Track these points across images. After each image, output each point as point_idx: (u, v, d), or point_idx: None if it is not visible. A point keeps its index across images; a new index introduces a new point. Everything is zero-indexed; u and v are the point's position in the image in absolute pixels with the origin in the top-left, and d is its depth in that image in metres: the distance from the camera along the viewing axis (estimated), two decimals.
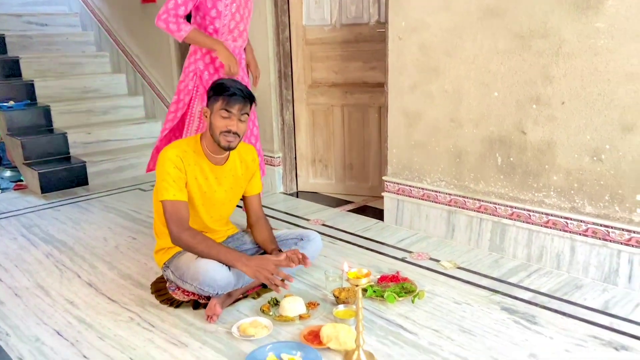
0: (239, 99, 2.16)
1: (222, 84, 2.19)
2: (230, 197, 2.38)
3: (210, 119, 2.19)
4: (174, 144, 2.26)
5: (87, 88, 5.11)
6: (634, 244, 2.24)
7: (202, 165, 2.25)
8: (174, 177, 2.16)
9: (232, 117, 2.16)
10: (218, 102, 2.16)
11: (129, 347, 1.97)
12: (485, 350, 1.88)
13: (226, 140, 2.18)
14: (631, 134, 2.19)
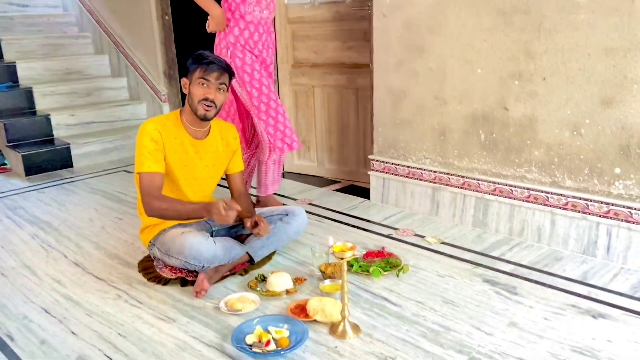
0: (216, 67, 2.19)
1: (200, 54, 2.21)
2: (212, 173, 2.39)
3: (190, 88, 2.23)
4: (152, 119, 2.29)
5: (69, 69, 5.05)
6: (612, 216, 2.30)
7: (182, 139, 2.26)
8: (150, 149, 2.18)
9: (210, 86, 2.19)
10: (196, 71, 2.19)
11: (117, 323, 1.98)
12: (467, 320, 1.93)
13: (203, 108, 2.20)
14: (610, 108, 2.23)
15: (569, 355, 1.71)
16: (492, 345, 1.78)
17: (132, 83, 5.08)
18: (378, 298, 2.11)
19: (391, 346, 1.79)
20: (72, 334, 1.92)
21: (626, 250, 2.29)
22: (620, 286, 2.15)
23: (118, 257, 2.56)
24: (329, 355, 1.75)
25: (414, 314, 1.98)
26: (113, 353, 1.80)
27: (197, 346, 1.82)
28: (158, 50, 4.71)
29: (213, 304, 2.08)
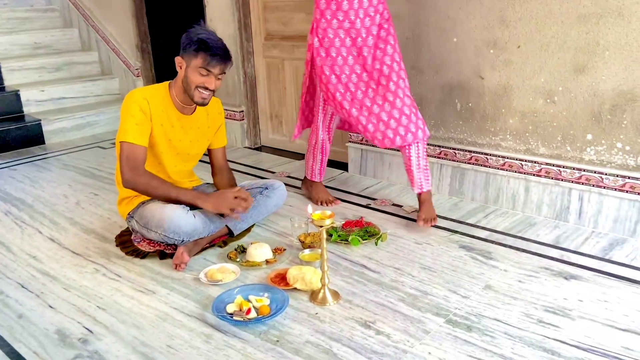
0: (221, 60, 2.10)
1: (204, 39, 2.07)
2: (196, 148, 2.36)
3: (186, 71, 2.13)
4: (142, 88, 2.23)
5: (38, 44, 4.90)
6: (584, 181, 2.35)
7: (169, 113, 2.22)
8: (138, 119, 2.13)
9: (210, 76, 2.11)
10: (198, 59, 2.08)
11: (96, 296, 1.97)
12: (444, 284, 1.97)
13: (201, 96, 2.15)
14: (582, 75, 2.26)
15: (542, 315, 1.77)
16: (469, 308, 1.82)
17: (103, 57, 4.96)
18: (357, 266, 2.13)
19: (370, 311, 1.82)
20: (50, 307, 1.91)
21: (597, 214, 2.36)
22: (591, 249, 2.21)
23: (94, 232, 2.53)
24: (310, 321, 1.77)
25: (392, 280, 2.02)
26: (92, 325, 1.79)
27: (177, 316, 1.83)
28: (129, 23, 4.59)
29: (193, 275, 2.08)
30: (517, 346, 1.62)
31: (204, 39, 2.08)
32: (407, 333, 1.69)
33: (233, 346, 1.66)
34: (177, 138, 2.27)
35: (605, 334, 1.66)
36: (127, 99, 2.16)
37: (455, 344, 1.63)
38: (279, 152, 3.86)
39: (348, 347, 1.64)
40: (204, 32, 2.12)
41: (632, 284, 1.94)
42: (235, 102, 3.90)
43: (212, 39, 2.10)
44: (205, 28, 2.17)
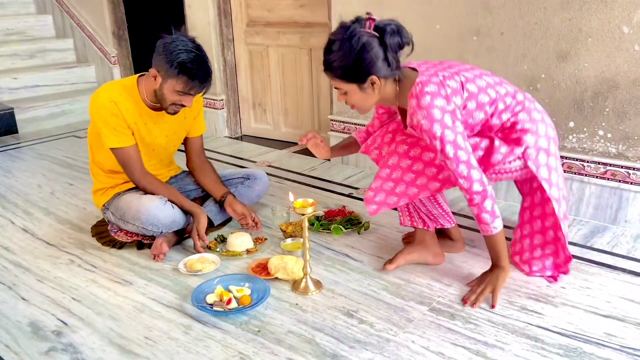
0: (202, 86, 2.00)
1: (187, 66, 1.91)
2: (173, 141, 2.29)
3: (162, 86, 1.98)
4: (105, 87, 2.10)
5: (10, 30, 4.75)
6: (566, 169, 2.35)
7: (139, 111, 2.12)
8: (114, 124, 2.04)
9: (187, 96, 2.01)
10: (177, 82, 1.95)
11: (70, 287, 1.91)
12: (427, 272, 1.95)
13: (174, 110, 2.07)
14: (565, 63, 2.25)
15: (525, 302, 1.76)
16: (452, 296, 1.81)
17: (78, 44, 4.82)
18: (340, 255, 2.10)
19: (353, 300, 1.79)
20: (23, 299, 1.84)
21: (579, 202, 2.36)
22: (573, 237, 2.22)
23: (69, 222, 2.46)
24: (292, 311, 1.74)
25: (375, 269, 1.99)
26: (67, 317, 1.73)
27: (155, 307, 1.78)
28: (105, 9, 4.46)
29: (171, 266, 2.03)
30: (501, 333, 1.61)
31: (186, 64, 1.92)
32: (390, 322, 1.67)
33: (213, 337, 1.62)
34: (153, 135, 2.18)
35: (588, 321, 1.66)
36: (95, 102, 2.05)
37: (439, 332, 1.62)
38: (261, 141, 3.81)
39: (331, 336, 1.61)
40: (184, 48, 1.93)
41: (614, 270, 1.95)
42: (214, 90, 3.82)
43: (195, 62, 1.93)
44: (185, 39, 1.97)
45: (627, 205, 2.25)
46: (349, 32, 1.60)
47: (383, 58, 1.61)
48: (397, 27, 1.63)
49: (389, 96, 1.73)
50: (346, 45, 1.60)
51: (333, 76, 1.68)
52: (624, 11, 2.07)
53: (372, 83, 1.66)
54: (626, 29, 2.08)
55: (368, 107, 1.75)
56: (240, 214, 2.24)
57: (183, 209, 2.13)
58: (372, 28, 1.60)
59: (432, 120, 1.61)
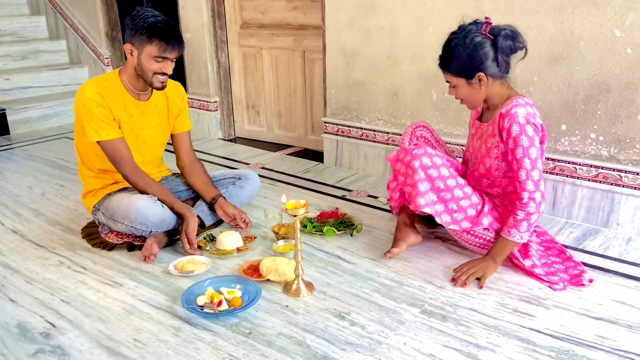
0: (177, 45, 2.02)
1: (157, 26, 1.97)
2: (160, 134, 2.28)
3: (139, 59, 2.03)
4: (90, 82, 2.11)
5: (2, 31, 4.72)
6: (558, 172, 2.35)
7: (124, 102, 2.13)
8: (101, 116, 2.04)
9: (166, 61, 2.03)
10: (152, 46, 1.98)
11: (60, 289, 1.89)
12: (419, 275, 1.95)
13: (159, 80, 2.07)
14: (557, 65, 2.26)
15: (517, 305, 1.75)
16: (444, 298, 1.80)
17: (72, 46, 4.80)
18: (332, 257, 2.10)
19: (345, 302, 1.78)
20: (11, 301, 1.82)
21: (570, 205, 2.37)
22: (565, 239, 2.22)
23: (60, 224, 2.43)
24: (283, 313, 1.73)
25: (367, 270, 1.98)
26: (55, 319, 1.71)
27: (145, 309, 1.76)
28: (99, 11, 4.44)
29: (162, 268, 2.01)
30: (493, 335, 1.60)
31: (155, 24, 1.97)
32: (382, 324, 1.66)
33: (203, 339, 1.61)
34: (140, 126, 2.18)
35: (580, 323, 1.66)
36: (80, 97, 2.06)
37: (431, 334, 1.61)
38: (254, 143, 3.80)
39: (322, 338, 1.60)
40: (151, 14, 2.00)
41: (605, 273, 1.95)
42: (208, 92, 3.81)
43: (163, 22, 2.00)
44: (150, 9, 2.04)
45: (619, 208, 2.25)
46: (465, 32, 1.80)
47: (493, 58, 1.79)
48: (512, 32, 1.80)
49: (494, 97, 1.89)
50: (460, 44, 1.79)
51: (446, 70, 1.87)
52: (616, 14, 2.08)
53: (480, 80, 1.82)
54: (618, 32, 2.09)
55: (474, 102, 1.90)
56: (231, 216, 2.23)
57: (173, 210, 2.11)
58: (487, 31, 1.79)
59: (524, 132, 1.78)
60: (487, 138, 1.93)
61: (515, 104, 1.81)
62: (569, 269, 1.93)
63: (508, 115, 1.80)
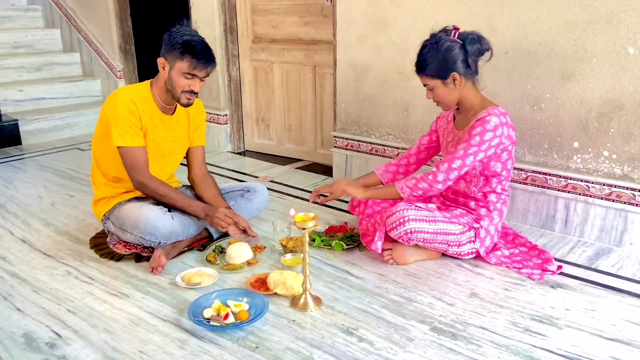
0: (207, 64, 2.05)
1: (190, 43, 2.01)
2: (179, 148, 2.30)
3: (170, 74, 2.07)
4: (123, 89, 2.15)
5: (17, 43, 4.79)
6: (570, 190, 2.33)
7: (152, 113, 2.16)
8: (129, 122, 2.07)
9: (195, 79, 2.06)
10: (183, 62, 2.02)
11: (66, 299, 1.88)
12: (428, 291, 1.92)
13: (187, 98, 2.10)
14: (570, 83, 2.24)
15: (528, 324, 1.72)
16: (454, 315, 1.77)
17: (85, 58, 4.86)
18: (340, 271, 2.07)
19: (353, 317, 1.76)
20: (18, 310, 1.81)
21: (583, 223, 2.33)
22: (578, 258, 2.18)
23: (68, 234, 2.43)
24: (290, 327, 1.71)
25: (376, 286, 1.96)
26: (61, 329, 1.70)
27: (151, 321, 1.74)
28: (113, 24, 4.51)
29: (169, 279, 2.00)
30: (504, 355, 1.57)
31: (189, 42, 2.02)
32: (390, 340, 1.64)
33: (209, 352, 1.59)
34: (161, 138, 2.21)
35: (593, 343, 1.62)
36: (113, 101, 2.08)
37: (440, 352, 1.58)
38: (263, 156, 3.80)
39: (329, 354, 1.57)
40: (188, 33, 2.05)
41: (619, 293, 1.91)
42: (218, 105, 3.83)
43: (197, 41, 2.04)
44: (189, 28, 2.10)
45: (632, 228, 2.22)
46: (437, 38, 1.97)
47: (463, 59, 1.95)
48: (477, 36, 1.97)
49: (467, 99, 2.04)
50: (433, 48, 1.96)
51: (422, 74, 2.01)
52: (629, 32, 2.07)
53: (454, 79, 1.98)
54: (632, 49, 2.08)
55: (449, 103, 2.04)
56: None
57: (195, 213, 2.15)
58: (455, 36, 1.96)
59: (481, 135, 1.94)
60: (459, 141, 2.05)
61: (491, 112, 1.96)
62: (533, 258, 2.12)
63: (481, 120, 1.96)
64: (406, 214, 2.00)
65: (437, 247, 2.09)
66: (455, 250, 2.10)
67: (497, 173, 2.06)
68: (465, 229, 2.08)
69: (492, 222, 2.12)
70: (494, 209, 2.12)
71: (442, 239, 2.04)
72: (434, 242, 2.05)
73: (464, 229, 2.08)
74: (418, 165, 2.35)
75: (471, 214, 2.13)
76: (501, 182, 2.09)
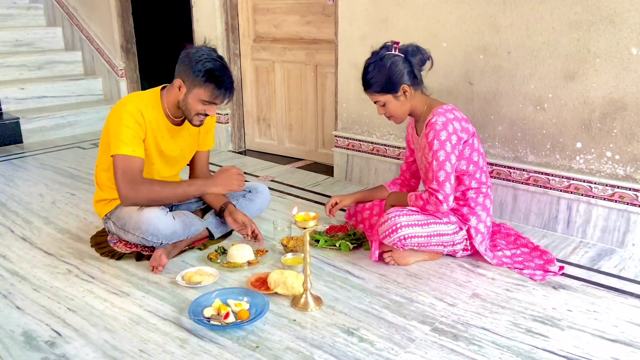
0: (228, 94, 2.02)
1: (214, 73, 1.96)
2: (185, 155, 2.29)
3: (187, 96, 2.02)
4: (133, 97, 2.11)
5: (19, 42, 4.79)
6: (573, 190, 2.32)
7: (159, 123, 2.12)
8: (134, 132, 2.02)
9: (212, 105, 2.03)
10: (204, 90, 1.98)
11: (66, 297, 1.88)
12: (430, 292, 1.91)
13: (199, 120, 2.09)
14: (573, 82, 2.23)
15: (530, 325, 1.71)
16: (455, 316, 1.76)
17: (87, 57, 4.86)
18: (341, 271, 2.07)
19: (354, 317, 1.75)
20: (18, 309, 1.81)
21: (585, 224, 2.32)
22: (580, 259, 2.17)
23: (69, 232, 2.43)
24: (291, 327, 1.70)
25: (377, 286, 1.95)
26: (61, 328, 1.70)
27: (152, 320, 1.74)
28: (115, 23, 4.50)
29: (169, 278, 1.99)
30: (505, 356, 1.56)
31: (213, 71, 1.96)
32: (391, 341, 1.63)
33: (209, 351, 1.58)
34: (168, 148, 2.18)
35: (595, 345, 1.61)
36: (120, 109, 2.04)
37: (442, 353, 1.57)
38: (264, 155, 3.79)
39: (330, 354, 1.56)
40: (210, 57, 1.98)
41: (621, 294, 1.90)
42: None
43: (221, 70, 1.98)
44: (207, 49, 2.02)
45: (635, 229, 2.21)
46: (380, 55, 2.02)
47: (409, 71, 2.00)
48: (416, 47, 2.02)
49: (417, 107, 2.08)
50: (379, 65, 2.00)
51: (372, 92, 2.06)
52: (633, 32, 2.06)
53: (404, 92, 2.02)
54: (635, 50, 2.07)
55: (402, 115, 2.09)
56: (240, 223, 2.21)
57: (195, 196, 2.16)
58: (397, 50, 2.00)
59: (437, 137, 1.97)
60: (423, 149, 2.07)
61: (435, 112, 2.00)
62: (535, 259, 2.12)
63: (429, 125, 2.00)
64: (398, 221, 1.99)
65: (433, 249, 2.09)
66: (450, 249, 2.10)
67: (465, 170, 2.07)
68: (457, 228, 2.07)
69: (479, 219, 2.11)
70: (476, 204, 2.11)
71: (436, 241, 2.04)
72: (428, 244, 2.04)
73: (456, 229, 2.07)
74: (416, 178, 2.36)
75: (455, 215, 2.12)
76: (473, 177, 2.09)
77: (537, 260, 2.11)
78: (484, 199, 2.12)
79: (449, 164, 1.97)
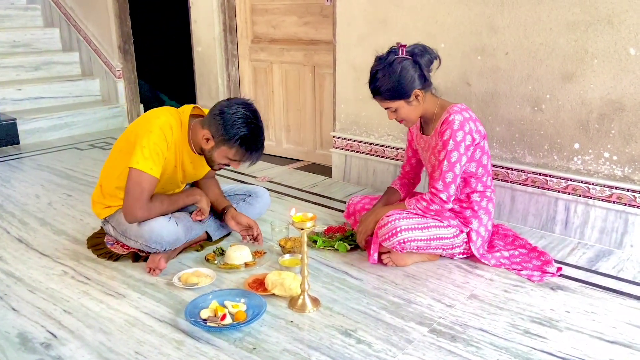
0: (256, 158, 2.01)
1: (249, 140, 1.94)
2: (198, 174, 2.26)
3: (213, 150, 1.99)
4: (165, 111, 2.06)
5: (16, 42, 4.77)
6: (571, 191, 2.32)
7: (182, 148, 2.08)
8: (159, 149, 1.96)
9: (239, 163, 2.03)
10: (233, 151, 1.95)
11: (62, 299, 1.87)
12: (428, 293, 1.91)
13: (219, 168, 2.09)
14: (570, 84, 2.23)
15: (528, 326, 1.71)
16: (453, 317, 1.76)
17: (84, 58, 4.84)
18: (339, 272, 2.06)
19: (352, 319, 1.74)
20: (13, 310, 1.80)
21: (583, 225, 2.32)
22: (578, 260, 2.17)
23: (65, 234, 2.42)
24: (288, 328, 1.69)
25: (375, 287, 1.94)
26: (57, 329, 1.69)
27: (148, 322, 1.73)
28: (112, 24, 4.49)
29: (166, 280, 1.98)
30: (503, 357, 1.55)
31: (247, 137, 1.93)
32: (389, 342, 1.62)
33: (206, 353, 1.57)
34: (185, 169, 2.15)
35: (593, 346, 1.61)
36: (154, 121, 1.99)
37: (439, 354, 1.56)
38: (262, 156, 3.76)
39: (327, 356, 1.56)
40: (246, 122, 1.93)
41: (619, 295, 1.90)
42: None
43: (255, 135, 1.95)
44: (244, 107, 1.97)
45: (632, 230, 2.21)
46: (387, 60, 1.93)
47: (420, 74, 1.94)
48: (423, 47, 1.96)
49: (429, 108, 2.04)
50: (389, 72, 1.91)
51: (383, 99, 1.98)
52: (631, 33, 2.06)
53: (417, 96, 1.97)
54: (633, 50, 2.07)
55: (414, 119, 2.05)
56: (245, 225, 2.21)
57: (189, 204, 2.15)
58: (404, 53, 1.93)
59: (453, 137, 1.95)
60: (434, 149, 2.05)
61: (452, 111, 1.97)
62: (533, 260, 2.11)
63: (447, 123, 1.96)
64: (398, 224, 1.97)
65: (432, 252, 2.08)
66: (449, 252, 2.10)
67: (473, 173, 2.07)
68: (457, 232, 2.07)
69: (481, 223, 2.11)
70: (479, 208, 2.10)
71: (435, 245, 2.03)
72: (427, 248, 2.03)
73: (456, 232, 2.06)
74: (418, 175, 2.34)
75: (458, 217, 2.11)
76: (480, 180, 2.09)
77: (535, 261, 2.11)
78: (487, 203, 2.11)
79: (459, 165, 1.96)
